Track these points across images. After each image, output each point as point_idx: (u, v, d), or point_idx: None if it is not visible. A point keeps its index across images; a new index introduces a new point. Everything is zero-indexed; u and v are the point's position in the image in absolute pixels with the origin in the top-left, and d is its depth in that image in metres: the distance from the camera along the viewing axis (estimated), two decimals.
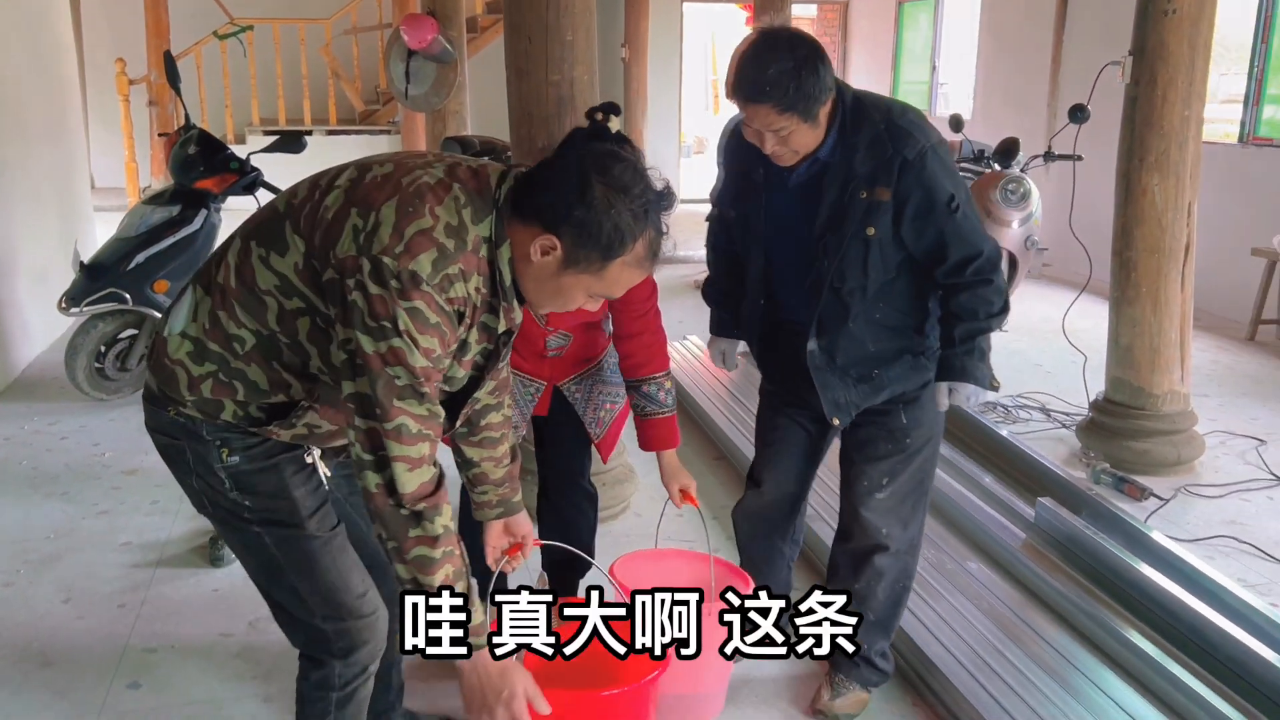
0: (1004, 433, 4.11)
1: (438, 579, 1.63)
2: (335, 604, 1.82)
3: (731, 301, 2.58)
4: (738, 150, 2.35)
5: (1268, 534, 3.55)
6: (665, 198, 1.67)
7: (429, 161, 1.66)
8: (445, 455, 1.82)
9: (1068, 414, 4.66)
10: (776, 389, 2.57)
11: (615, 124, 2.57)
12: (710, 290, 2.67)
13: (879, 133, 2.15)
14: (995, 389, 2.24)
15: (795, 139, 2.15)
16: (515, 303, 1.72)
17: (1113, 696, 2.56)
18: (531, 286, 1.69)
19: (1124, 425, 4.08)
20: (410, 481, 1.60)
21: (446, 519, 1.64)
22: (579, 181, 1.58)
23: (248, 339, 1.67)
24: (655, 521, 2.62)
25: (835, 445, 2.62)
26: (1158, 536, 3.21)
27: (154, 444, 1.83)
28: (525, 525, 2.06)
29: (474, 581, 1.73)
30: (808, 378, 2.35)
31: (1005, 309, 2.29)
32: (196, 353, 1.69)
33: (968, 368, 2.25)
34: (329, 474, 1.89)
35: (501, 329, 1.75)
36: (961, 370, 2.26)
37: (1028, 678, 2.59)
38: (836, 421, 2.37)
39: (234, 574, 3.18)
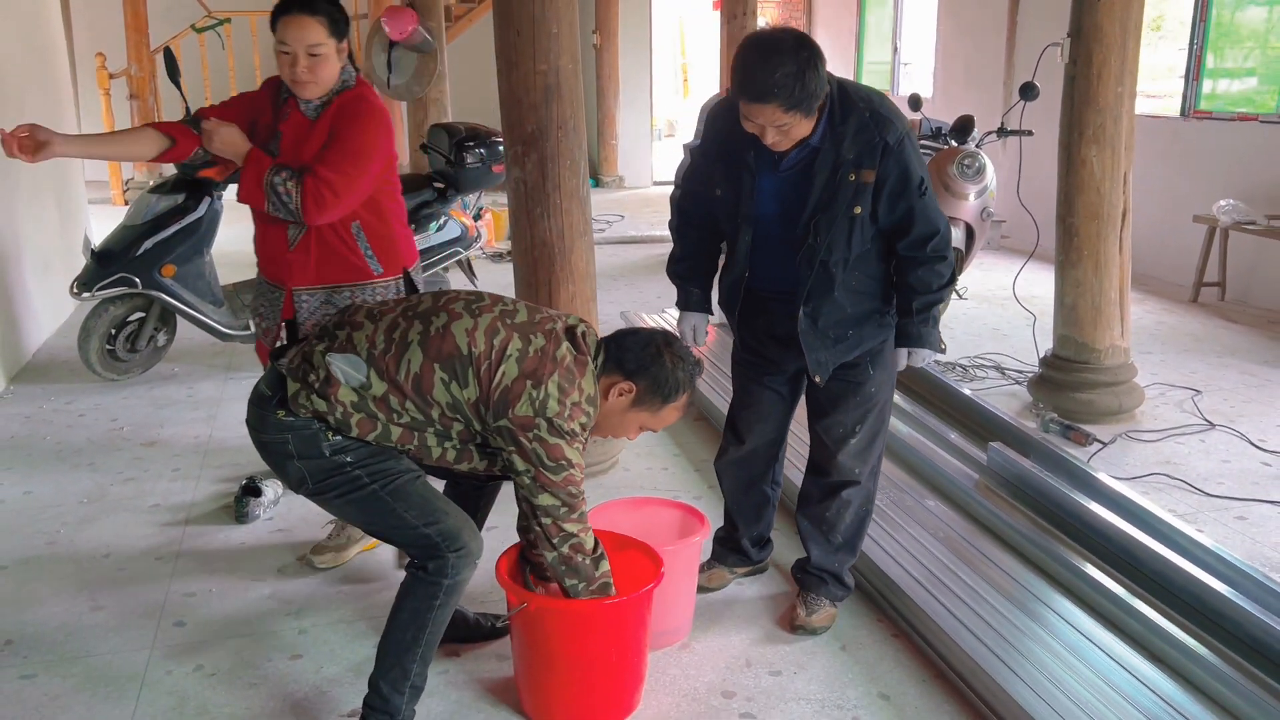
0: (964, 391, 4.45)
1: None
2: (430, 511, 2.29)
3: (701, 277, 2.86)
4: (727, 134, 2.55)
5: (1197, 471, 3.92)
6: (699, 368, 2.43)
7: (558, 331, 2.29)
8: None
9: (1020, 371, 5.02)
10: (752, 357, 2.85)
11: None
12: (678, 267, 2.89)
13: (865, 120, 2.43)
14: (942, 351, 2.60)
15: (795, 131, 2.42)
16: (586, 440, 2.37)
17: (1052, 607, 2.90)
18: (602, 417, 2.36)
19: (1070, 378, 4.43)
20: (590, 539, 2.32)
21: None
22: (655, 350, 2.34)
23: (405, 418, 2.24)
24: (641, 475, 2.96)
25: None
26: (1099, 474, 3.56)
27: (253, 441, 2.33)
28: None
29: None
30: (784, 342, 2.68)
31: (953, 280, 2.63)
32: (360, 403, 2.22)
33: (923, 334, 2.64)
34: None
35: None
36: (919, 337, 2.64)
37: (979, 594, 2.93)
38: (818, 379, 2.67)
39: (257, 530, 3.48)
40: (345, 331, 2.27)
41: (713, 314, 2.92)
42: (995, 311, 6.23)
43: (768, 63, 2.29)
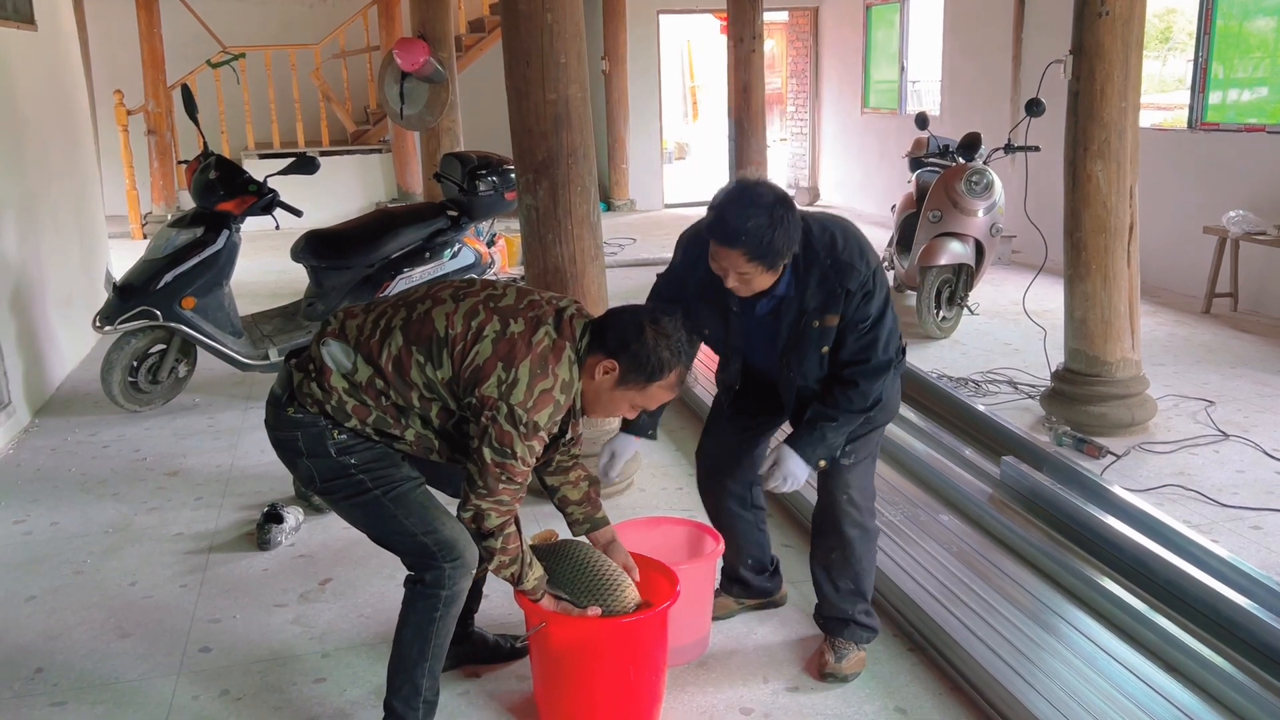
0: (977, 405, 4.47)
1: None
2: (429, 520, 2.34)
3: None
4: (707, 270, 2.52)
5: (1211, 482, 3.93)
6: (694, 345, 2.35)
7: (544, 314, 2.27)
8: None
9: (1033, 386, 5.04)
10: (739, 411, 2.87)
11: None
12: None
13: (826, 270, 2.51)
14: (819, 470, 2.58)
15: (756, 281, 2.48)
16: (580, 418, 2.40)
17: (1067, 619, 2.92)
18: (590, 397, 2.33)
19: (1082, 392, 4.45)
20: (493, 521, 2.27)
21: (511, 541, 2.32)
22: (638, 326, 2.26)
23: (392, 399, 2.28)
24: (657, 496, 2.97)
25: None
26: (1113, 487, 3.57)
27: (270, 439, 2.41)
28: (618, 551, 2.59)
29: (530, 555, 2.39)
30: (773, 400, 2.74)
31: (866, 410, 2.56)
32: (352, 390, 2.29)
33: (802, 443, 2.55)
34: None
35: (568, 437, 2.43)
36: (795, 440, 2.56)
37: (993, 607, 2.95)
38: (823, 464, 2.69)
39: (279, 555, 3.53)
40: (340, 320, 2.36)
41: (654, 437, 2.81)
42: (1007, 327, 6.25)
43: (742, 210, 2.37)
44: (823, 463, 2.59)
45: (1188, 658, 2.68)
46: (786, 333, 2.58)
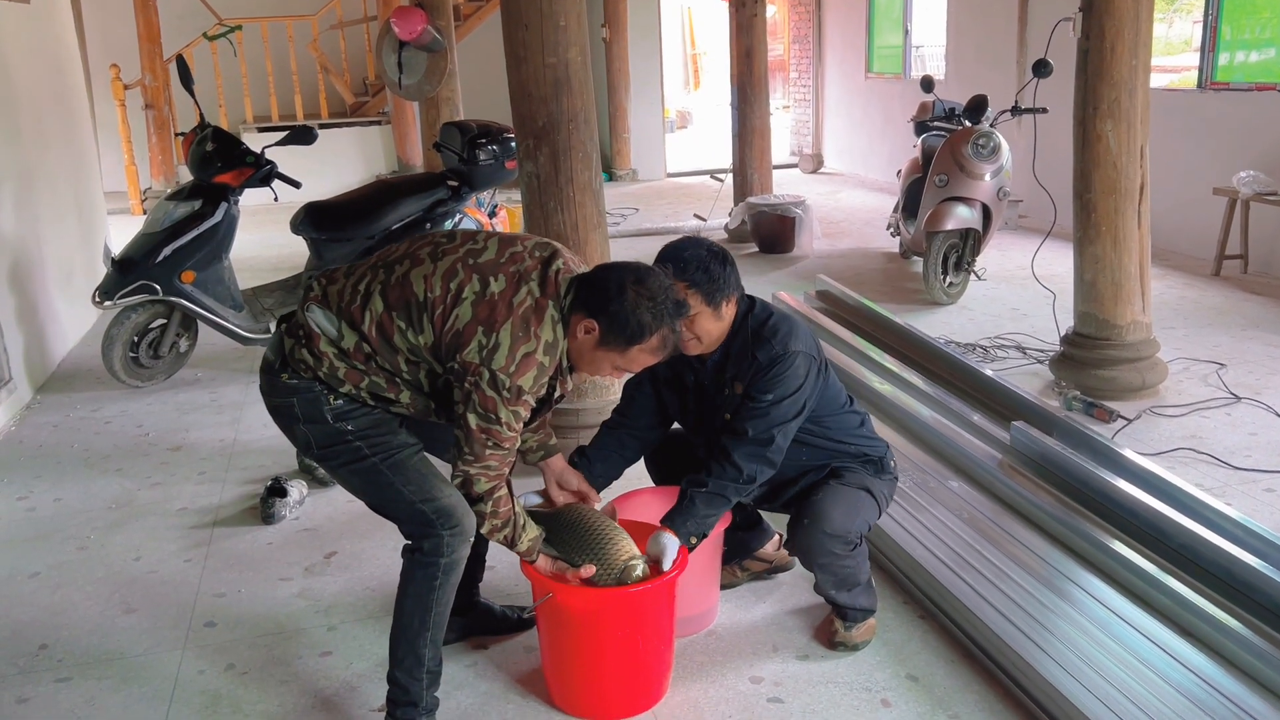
0: (985, 371, 4.43)
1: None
2: (427, 487, 2.29)
3: (605, 460, 2.71)
4: (671, 360, 2.48)
5: (1223, 445, 3.88)
6: (681, 308, 2.26)
7: (526, 270, 2.20)
8: None
9: (1042, 350, 5.00)
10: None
11: None
12: (602, 433, 2.77)
13: (748, 337, 2.53)
14: (690, 547, 2.47)
15: (698, 323, 2.47)
16: (569, 376, 2.31)
17: (1080, 584, 2.89)
18: (575, 355, 2.25)
19: (1092, 355, 4.40)
20: (482, 485, 2.24)
21: (503, 504, 2.29)
22: (619, 285, 2.17)
23: (381, 363, 2.23)
24: None
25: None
26: (1125, 450, 3.53)
27: (266, 406, 2.36)
28: (570, 475, 2.59)
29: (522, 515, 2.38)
30: None
31: (739, 485, 2.48)
32: (341, 355, 2.24)
33: (676, 518, 2.46)
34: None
35: (557, 395, 2.34)
36: (669, 518, 2.47)
37: (1005, 573, 2.92)
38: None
39: (284, 529, 3.50)
40: (322, 285, 2.30)
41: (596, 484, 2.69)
42: (1015, 291, 6.19)
43: (683, 244, 2.50)
44: (693, 539, 2.47)
45: (1202, 621, 2.65)
46: (708, 398, 2.61)
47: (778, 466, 2.56)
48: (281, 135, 5.02)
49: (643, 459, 2.90)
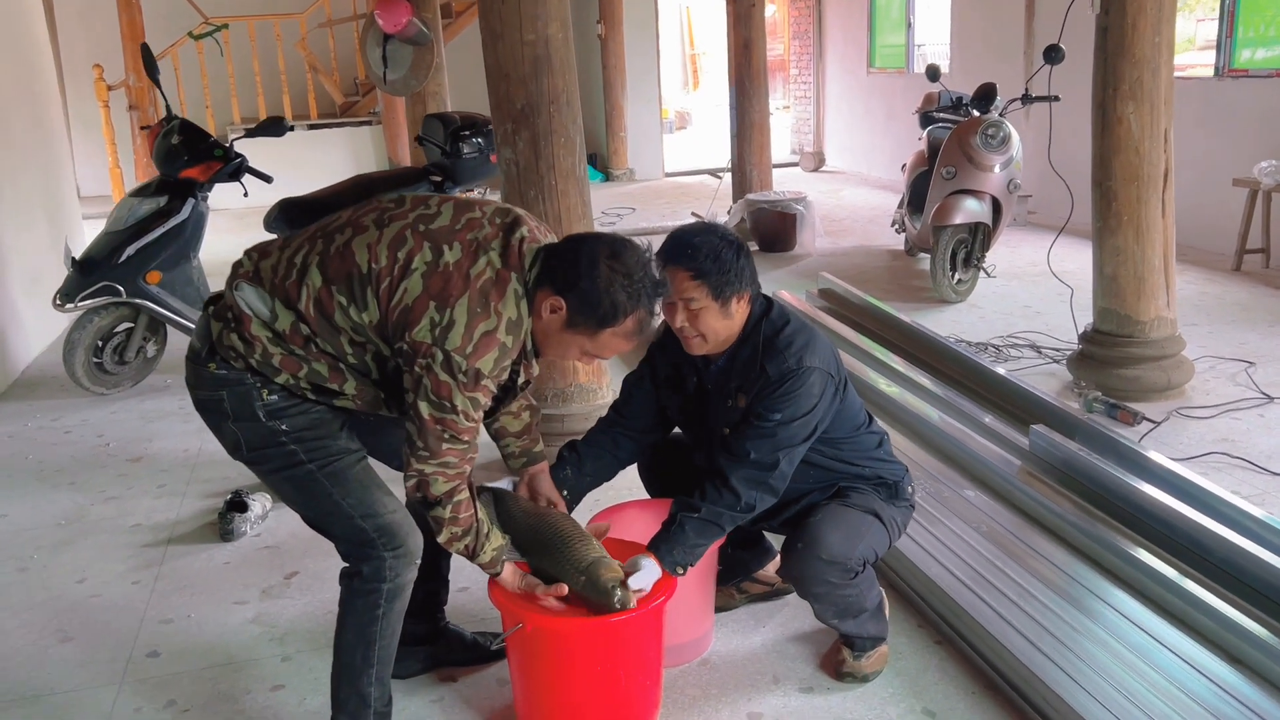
0: (1000, 371, 4.15)
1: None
2: (369, 502, 2.02)
3: (596, 451, 2.47)
4: (674, 353, 2.37)
5: (1259, 448, 3.61)
6: (660, 287, 1.98)
7: (486, 238, 1.92)
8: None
9: (1058, 349, 4.72)
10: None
11: None
12: (596, 431, 2.52)
13: (758, 345, 2.25)
14: (678, 575, 2.20)
15: (704, 319, 2.20)
16: (534, 360, 2.05)
17: (1112, 604, 2.61)
18: (540, 337, 1.99)
19: (1113, 354, 4.13)
20: (440, 487, 1.94)
21: (463, 509, 1.99)
22: (590, 258, 1.90)
23: (323, 346, 1.96)
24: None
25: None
26: (1153, 455, 3.26)
27: (192, 400, 2.07)
28: (543, 482, 2.34)
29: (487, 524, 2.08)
30: None
31: (735, 513, 2.22)
32: (276, 339, 1.95)
33: (662, 544, 2.20)
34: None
35: (521, 380, 2.08)
36: (656, 544, 2.21)
37: (1029, 592, 2.64)
38: None
39: (243, 547, 3.24)
40: (254, 260, 2.01)
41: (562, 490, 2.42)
42: (1026, 288, 5.92)
43: (692, 230, 2.25)
44: (680, 569, 2.20)
45: (1253, 646, 2.39)
46: (709, 406, 2.33)
47: (780, 494, 2.28)
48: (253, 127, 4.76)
49: (636, 465, 2.63)
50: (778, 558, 2.72)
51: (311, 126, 10.55)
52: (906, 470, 2.52)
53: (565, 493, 2.39)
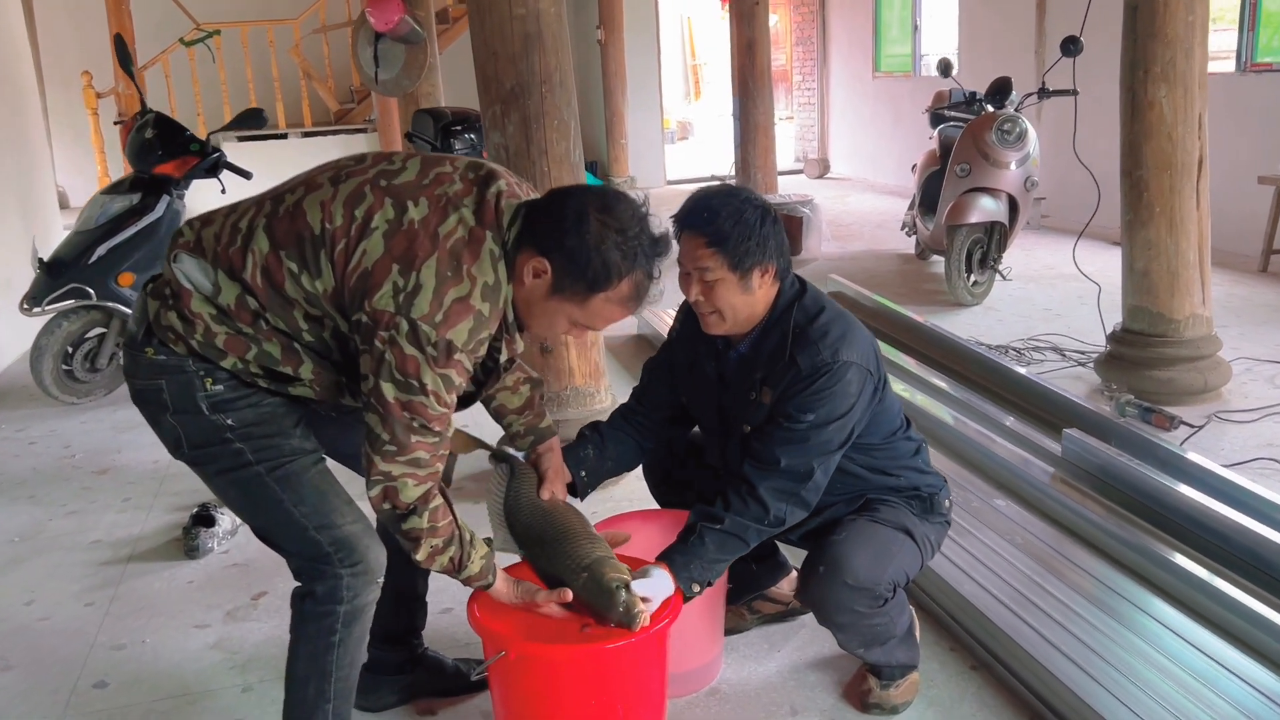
0: (1025, 374, 3.90)
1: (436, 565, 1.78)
2: (325, 511, 1.78)
3: (619, 436, 2.24)
4: (694, 337, 2.15)
5: None
6: (660, 244, 1.73)
7: (457, 194, 1.68)
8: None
9: (1082, 351, 4.47)
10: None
11: None
12: (616, 417, 2.29)
13: (788, 332, 2.00)
14: (690, 596, 1.94)
15: (720, 292, 1.95)
16: (517, 334, 1.79)
17: (1163, 621, 2.36)
18: (522, 307, 1.74)
19: (1145, 354, 3.87)
20: (412, 492, 1.68)
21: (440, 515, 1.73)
22: (577, 213, 1.65)
23: (274, 323, 1.71)
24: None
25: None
26: (1195, 458, 3.01)
27: (129, 390, 1.82)
28: (558, 460, 2.08)
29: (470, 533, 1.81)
30: None
31: (761, 526, 1.97)
32: (220, 316, 1.71)
33: (677, 557, 1.94)
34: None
35: (503, 359, 1.83)
36: (670, 556, 1.95)
37: (1071, 609, 2.39)
38: None
39: (209, 564, 2.98)
40: (195, 229, 1.76)
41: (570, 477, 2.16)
42: (1045, 291, 5.67)
43: (714, 194, 2.00)
44: (696, 586, 1.93)
45: None
46: (730, 397, 2.07)
47: (812, 508, 2.01)
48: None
49: (641, 466, 2.38)
50: (794, 574, 2.46)
51: (306, 134, 10.32)
52: (945, 482, 2.24)
53: (583, 473, 2.14)
